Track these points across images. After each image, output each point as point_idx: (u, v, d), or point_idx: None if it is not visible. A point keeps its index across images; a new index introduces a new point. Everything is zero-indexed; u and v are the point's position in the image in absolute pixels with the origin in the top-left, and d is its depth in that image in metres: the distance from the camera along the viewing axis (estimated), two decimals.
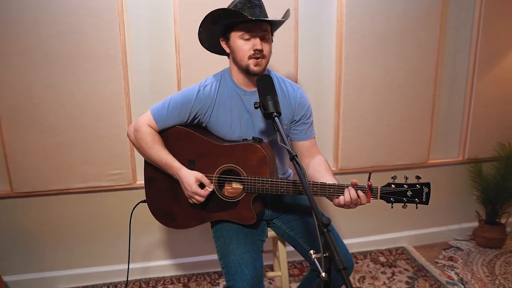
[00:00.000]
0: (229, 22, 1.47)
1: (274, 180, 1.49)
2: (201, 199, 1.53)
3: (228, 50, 1.56)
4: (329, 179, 1.51)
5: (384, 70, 2.46)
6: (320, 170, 1.61)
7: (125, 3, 2.09)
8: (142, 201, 1.76)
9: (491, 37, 2.58)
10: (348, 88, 2.44)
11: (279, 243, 1.81)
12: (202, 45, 1.63)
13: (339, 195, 1.42)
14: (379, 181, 1.45)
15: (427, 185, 1.38)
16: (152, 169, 1.66)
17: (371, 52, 2.41)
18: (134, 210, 1.82)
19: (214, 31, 1.55)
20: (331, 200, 1.46)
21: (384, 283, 2.38)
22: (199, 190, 1.51)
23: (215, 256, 2.48)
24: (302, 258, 2.60)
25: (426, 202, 1.39)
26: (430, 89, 2.57)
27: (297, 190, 1.47)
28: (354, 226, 2.71)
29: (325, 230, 0.98)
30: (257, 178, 1.50)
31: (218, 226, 1.63)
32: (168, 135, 1.62)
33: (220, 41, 1.57)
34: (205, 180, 1.53)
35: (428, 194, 1.38)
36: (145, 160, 1.67)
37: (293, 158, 1.18)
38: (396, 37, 2.43)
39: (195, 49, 2.16)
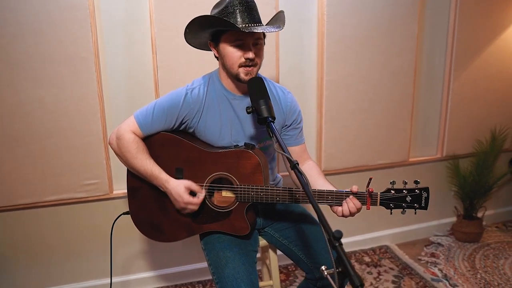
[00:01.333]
0: (219, 31, 1.38)
1: (269, 188, 1.42)
2: (195, 208, 1.43)
3: (217, 55, 1.47)
4: (323, 185, 1.47)
5: (365, 70, 2.45)
6: (312, 175, 1.55)
7: (97, 1, 1.94)
8: (124, 213, 1.64)
9: (466, 37, 2.63)
10: (330, 89, 2.40)
11: (270, 251, 1.75)
12: (188, 43, 1.53)
13: (339, 202, 1.37)
14: (363, 182, 1.41)
15: (426, 190, 1.36)
16: (136, 178, 1.54)
17: (352, 52, 2.39)
18: (115, 223, 1.69)
19: (201, 34, 1.45)
20: (331, 207, 1.41)
21: (371, 284, 2.37)
22: (191, 199, 1.42)
23: (198, 265, 2.40)
24: (287, 263, 2.57)
25: (425, 207, 1.37)
26: (410, 88, 2.58)
27: (293, 198, 1.41)
28: (336, 227, 2.67)
29: (337, 244, 0.93)
30: (251, 187, 1.43)
31: (208, 237, 1.54)
32: (153, 142, 1.51)
33: (209, 44, 1.48)
34: (195, 187, 1.44)
35: (427, 199, 1.36)
36: (127, 170, 1.55)
37: (295, 166, 1.12)
38: (376, 36, 2.42)
39: (173, 50, 2.06)
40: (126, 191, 2.12)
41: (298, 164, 1.12)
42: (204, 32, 1.42)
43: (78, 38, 1.92)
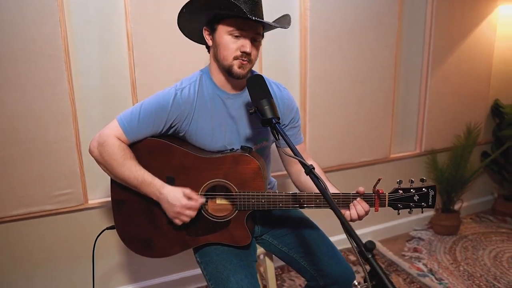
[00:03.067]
0: (223, 14, 1.26)
1: (271, 194, 1.32)
2: (193, 214, 1.31)
3: (210, 43, 1.35)
4: (329, 187, 1.39)
5: (348, 66, 2.41)
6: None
7: None
8: (109, 228, 1.48)
9: (442, 33, 2.66)
10: (313, 85, 2.34)
11: (267, 259, 1.66)
12: (180, 29, 1.39)
13: (346, 205, 1.30)
14: (348, 181, 1.36)
15: (433, 188, 1.32)
16: (121, 189, 1.40)
17: (336, 48, 2.34)
18: (98, 238, 1.53)
19: (199, 17, 1.32)
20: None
21: (360, 283, 2.34)
22: (189, 202, 1.29)
23: (183, 275, 2.26)
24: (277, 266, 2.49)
25: (432, 206, 1.33)
26: (390, 84, 2.58)
27: (298, 203, 1.32)
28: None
29: (370, 256, 0.85)
30: (251, 193, 1.33)
31: (204, 250, 1.42)
32: (140, 149, 1.37)
33: (203, 30, 1.35)
34: (194, 195, 1.32)
35: (434, 197, 1.32)
36: (111, 180, 1.40)
37: (310, 171, 1.03)
38: (359, 32, 2.39)
39: (152, 46, 1.91)
40: (102, 200, 2.00)
41: (314, 168, 1.03)
42: (203, 14, 1.30)
43: (45, 34, 1.72)
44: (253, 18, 1.20)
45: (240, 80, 1.33)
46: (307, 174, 1.04)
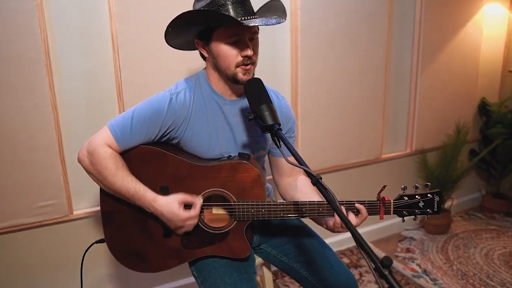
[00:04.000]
0: (209, 27, 1.19)
1: (271, 203, 1.26)
2: (195, 221, 1.25)
3: (206, 54, 1.27)
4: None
5: (339, 67, 2.37)
6: (305, 192, 1.41)
7: None
8: (98, 241, 1.39)
9: (432, 31, 2.65)
10: (305, 86, 2.29)
11: (264, 269, 1.60)
12: (168, 44, 1.32)
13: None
14: (340, 182, 1.31)
15: (438, 193, 1.29)
16: (111, 199, 1.31)
17: (327, 48, 2.30)
18: (87, 253, 1.44)
19: (188, 32, 1.25)
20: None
21: None
22: (188, 213, 1.22)
23: (177, 284, 2.18)
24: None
25: (438, 212, 1.30)
26: (381, 84, 2.55)
27: (299, 213, 1.27)
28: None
29: (387, 272, 0.80)
30: (250, 203, 1.26)
31: (200, 263, 1.34)
32: (131, 158, 1.28)
33: (195, 42, 1.28)
34: (190, 199, 1.25)
35: (439, 203, 1.29)
36: (101, 190, 1.31)
37: (318, 181, 0.97)
38: (351, 31, 2.35)
39: (139, 48, 1.83)
40: (88, 210, 1.90)
41: (321, 178, 0.98)
42: (190, 30, 1.23)
43: (23, 35, 1.61)
44: (250, 24, 1.13)
45: (241, 85, 1.26)
46: (314, 185, 0.98)
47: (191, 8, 1.25)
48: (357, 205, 1.25)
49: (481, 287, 2.26)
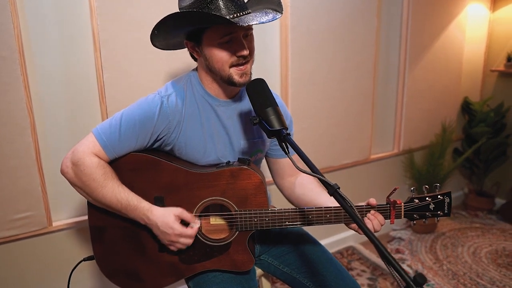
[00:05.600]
0: (200, 28, 1.10)
1: (276, 211, 1.18)
2: (190, 242, 1.14)
3: (197, 56, 1.18)
4: (330, 199, 1.27)
5: (329, 66, 2.31)
6: (312, 189, 1.36)
7: None
8: (86, 259, 1.27)
9: (418, 31, 2.64)
10: (295, 86, 2.22)
11: (263, 279, 1.52)
12: (154, 46, 1.21)
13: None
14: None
15: (448, 194, 1.24)
16: (100, 213, 1.19)
17: (317, 47, 2.24)
18: (73, 271, 1.31)
19: (176, 34, 1.15)
20: (348, 226, 1.22)
21: None
22: (184, 229, 1.12)
23: None
24: None
25: (449, 214, 1.25)
26: (370, 84, 2.52)
27: (306, 221, 1.19)
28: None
29: None
30: (253, 212, 1.17)
31: (199, 278, 1.25)
32: (120, 167, 1.17)
33: (185, 43, 1.18)
34: (187, 215, 1.15)
35: (449, 204, 1.24)
36: (88, 203, 1.20)
37: (335, 191, 0.90)
38: (341, 29, 2.30)
39: (122, 46, 1.70)
40: (69, 221, 1.76)
41: (339, 188, 0.90)
42: (178, 32, 1.13)
43: None
44: (244, 24, 1.03)
45: (237, 87, 1.17)
46: (330, 195, 0.90)
47: (177, 1, 1.15)
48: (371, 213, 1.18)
49: (472, 287, 2.26)
